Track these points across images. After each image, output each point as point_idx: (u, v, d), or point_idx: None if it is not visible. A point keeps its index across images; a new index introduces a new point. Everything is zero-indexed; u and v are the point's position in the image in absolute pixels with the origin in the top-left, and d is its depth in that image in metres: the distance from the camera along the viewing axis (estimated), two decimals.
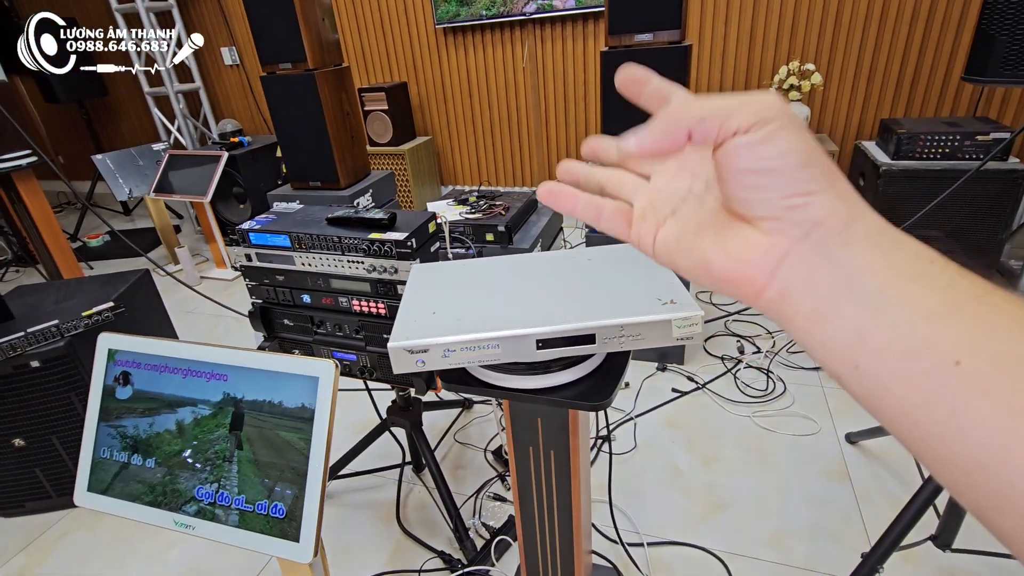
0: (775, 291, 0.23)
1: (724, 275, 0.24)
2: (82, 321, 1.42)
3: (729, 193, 0.24)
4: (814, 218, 0.22)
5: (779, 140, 0.21)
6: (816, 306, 0.22)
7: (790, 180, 0.22)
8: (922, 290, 0.20)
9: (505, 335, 0.65)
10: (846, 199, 0.22)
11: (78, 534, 1.49)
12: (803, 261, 0.22)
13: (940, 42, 2.40)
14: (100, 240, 3.67)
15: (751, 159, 0.22)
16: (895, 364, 0.20)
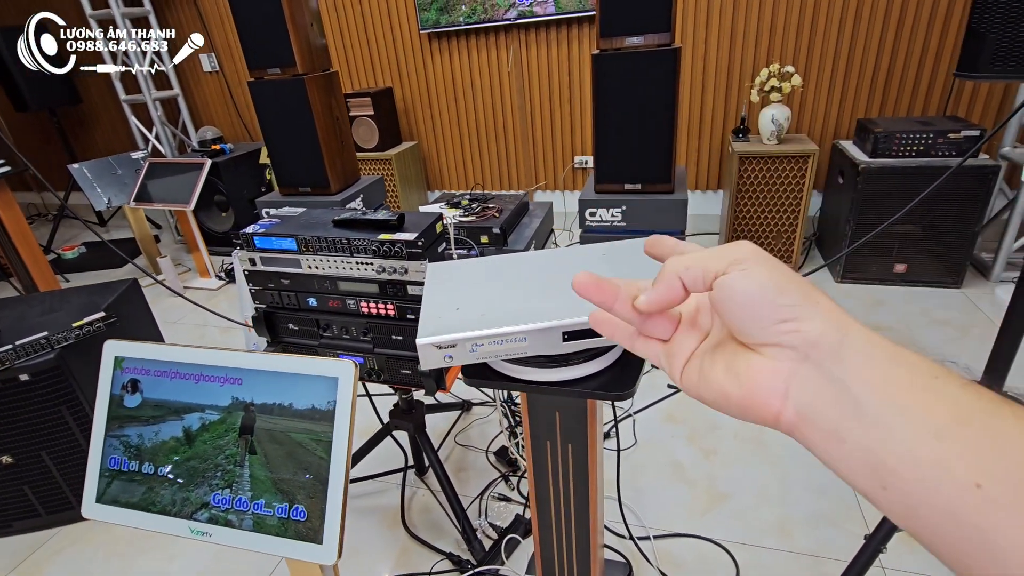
0: (792, 413, 0.24)
1: (741, 401, 0.26)
2: (73, 332, 1.38)
3: (730, 326, 0.27)
4: (807, 340, 0.24)
5: (751, 275, 0.25)
6: (831, 427, 0.23)
7: (773, 307, 0.24)
8: (926, 404, 0.21)
9: (532, 328, 0.65)
10: (832, 317, 0.24)
11: (71, 552, 1.44)
12: (809, 381, 0.24)
13: (912, 42, 2.50)
14: (75, 252, 3.57)
15: (734, 294, 0.25)
16: (916, 487, 0.20)
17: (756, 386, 0.25)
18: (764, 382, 0.25)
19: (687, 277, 0.27)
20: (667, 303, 0.28)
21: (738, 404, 0.26)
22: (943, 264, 2.20)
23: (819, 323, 0.24)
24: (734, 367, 0.27)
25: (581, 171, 3.29)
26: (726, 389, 0.27)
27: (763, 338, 0.25)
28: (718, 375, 0.27)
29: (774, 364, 0.25)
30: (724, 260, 0.26)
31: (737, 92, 2.82)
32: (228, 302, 2.75)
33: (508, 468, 1.56)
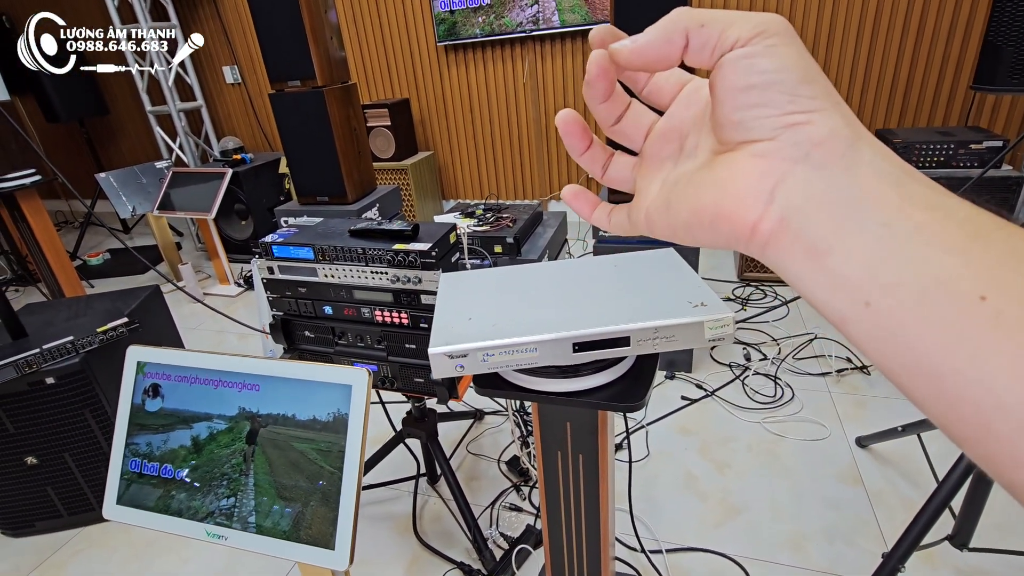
0: (773, 220, 0.21)
1: (718, 211, 0.22)
2: (97, 337, 1.42)
3: (723, 118, 0.22)
4: (814, 137, 0.20)
5: (779, 54, 0.20)
6: (819, 237, 0.20)
7: (791, 96, 0.20)
8: (939, 222, 0.18)
9: (543, 339, 0.66)
10: (849, 121, 0.20)
11: (91, 552, 1.47)
12: (802, 185, 0.20)
13: (931, 53, 2.47)
14: (101, 258, 3.66)
15: (750, 73, 0.20)
16: (912, 301, 0.18)
17: (737, 188, 0.21)
18: (748, 182, 0.21)
19: (697, 36, 0.21)
20: (655, 56, 0.23)
21: (712, 215, 0.22)
22: None
23: (833, 122, 0.20)
24: (709, 176, 0.23)
25: (595, 181, 3.30)
26: (700, 200, 0.23)
27: (761, 131, 0.21)
28: (693, 188, 0.24)
29: (764, 163, 0.21)
30: (750, 29, 0.20)
31: None
32: (247, 309, 2.80)
33: (520, 478, 1.56)
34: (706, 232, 0.23)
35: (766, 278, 2.51)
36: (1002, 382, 0.16)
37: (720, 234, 0.23)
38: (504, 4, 2.96)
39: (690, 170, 0.25)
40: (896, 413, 1.64)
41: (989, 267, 0.17)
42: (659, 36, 0.22)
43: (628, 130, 0.29)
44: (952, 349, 0.17)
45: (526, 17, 2.95)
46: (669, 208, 0.25)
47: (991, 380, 0.16)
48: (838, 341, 2.00)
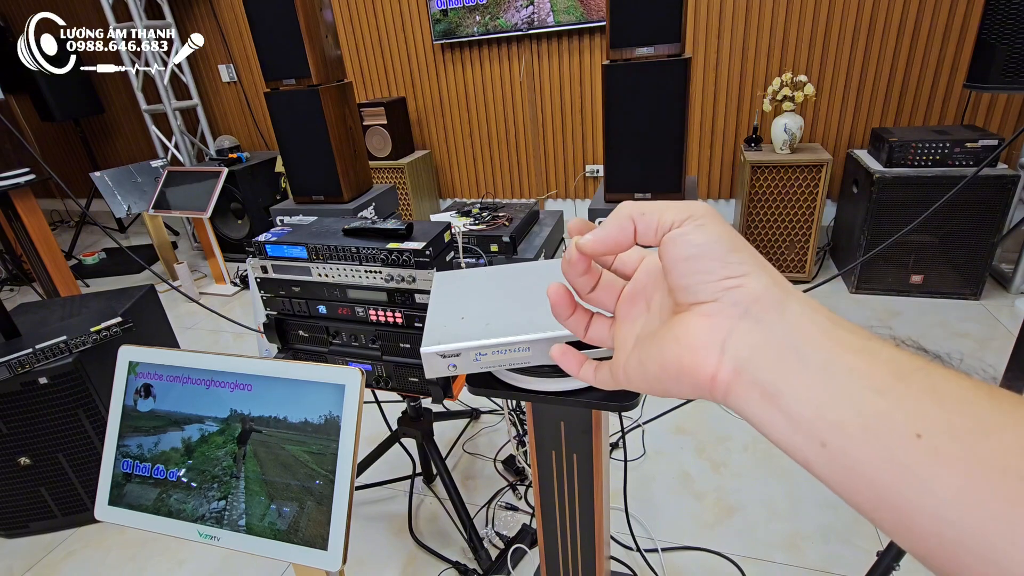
0: (728, 370, 0.24)
1: (680, 366, 0.25)
2: (91, 337, 1.41)
3: (673, 284, 0.26)
4: (750, 295, 0.24)
5: (707, 231, 0.25)
6: (768, 381, 0.22)
7: (723, 263, 0.24)
8: (867, 363, 0.21)
9: (536, 338, 0.66)
10: (777, 280, 0.24)
11: (84, 553, 1.47)
12: (747, 335, 0.23)
13: (927, 53, 2.48)
14: (96, 258, 3.64)
15: (687, 247, 0.25)
16: (858, 437, 0.20)
17: (693, 343, 0.25)
18: (701, 337, 0.25)
19: (641, 222, 0.27)
20: (614, 243, 0.28)
21: (676, 369, 0.26)
22: (961, 275, 2.16)
23: (764, 281, 0.24)
24: (670, 334, 0.26)
25: (592, 180, 3.30)
26: (664, 357, 0.26)
27: (705, 294, 0.25)
28: (657, 347, 0.27)
29: (711, 321, 0.24)
30: (681, 213, 0.26)
31: (749, 102, 2.81)
32: (243, 308, 2.79)
33: (516, 477, 1.56)
34: (674, 384, 0.26)
35: None
36: (956, 516, 0.18)
37: (686, 385, 0.26)
38: (499, 5, 2.96)
39: (654, 329, 0.28)
40: None
41: (915, 405, 0.19)
42: (613, 227, 0.28)
43: (602, 297, 0.33)
44: (905, 482, 0.19)
45: (521, 18, 2.95)
46: (641, 365, 0.28)
47: (946, 513, 0.18)
48: None
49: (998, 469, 0.17)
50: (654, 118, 1.78)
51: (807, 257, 2.42)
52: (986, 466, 0.17)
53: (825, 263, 2.66)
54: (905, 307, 2.19)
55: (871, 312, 2.18)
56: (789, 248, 2.43)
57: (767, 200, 2.37)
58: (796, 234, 2.39)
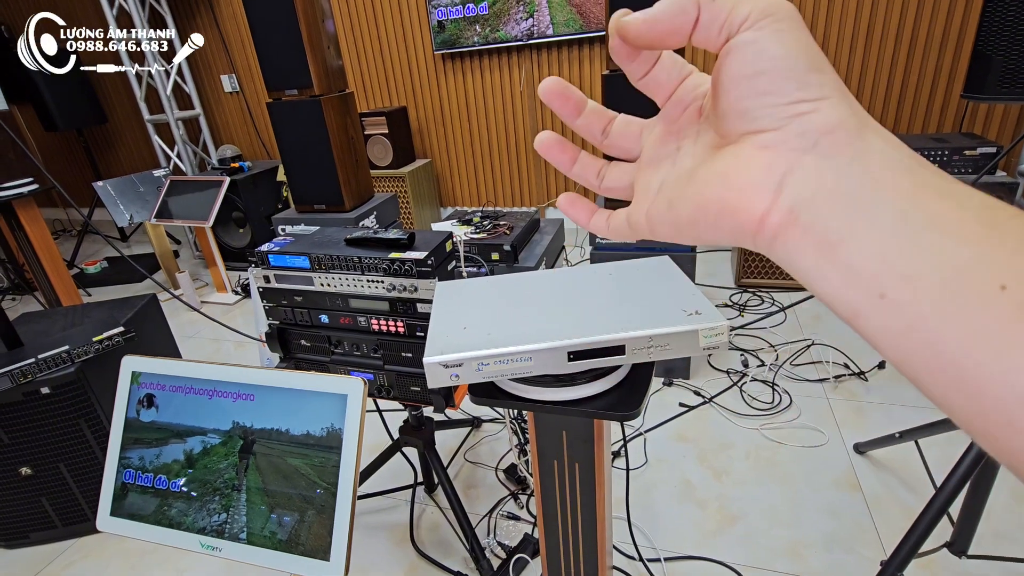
0: (781, 212, 0.20)
1: (723, 205, 0.22)
2: (93, 346, 1.42)
3: (728, 106, 0.21)
4: (823, 126, 0.19)
5: (788, 40, 0.20)
6: (830, 229, 0.19)
7: (800, 82, 0.20)
8: (954, 211, 0.18)
9: (537, 348, 0.66)
10: (857, 111, 0.20)
11: (85, 564, 1.46)
12: (811, 176, 0.19)
13: (925, 61, 2.50)
14: (98, 267, 3.66)
15: (759, 59, 0.20)
16: (930, 292, 0.17)
17: (743, 180, 0.21)
18: (754, 174, 0.21)
19: (708, 9, 0.21)
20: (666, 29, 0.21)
21: (717, 209, 0.22)
22: None
23: (842, 109, 0.20)
24: (714, 170, 0.22)
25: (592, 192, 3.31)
26: (704, 195, 0.22)
27: (768, 120, 0.20)
28: (696, 185, 0.23)
29: (770, 154, 0.20)
30: (759, 8, 0.20)
31: None
32: (244, 317, 2.80)
33: (517, 486, 1.55)
34: (711, 228, 0.23)
35: (763, 284, 2.52)
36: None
37: (725, 229, 0.22)
38: (499, 18, 2.98)
39: (690, 167, 0.24)
40: (894, 419, 1.64)
41: (1007, 256, 0.17)
42: (672, 6, 0.21)
43: (619, 140, 0.29)
44: (973, 342, 0.16)
45: (521, 31, 2.98)
46: (671, 207, 0.24)
47: (1015, 373, 0.16)
48: (835, 347, 2.00)
49: None
50: None
51: None
52: None
53: None
54: None
55: None
56: None
57: None
58: None
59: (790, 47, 0.20)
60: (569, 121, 0.28)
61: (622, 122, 0.29)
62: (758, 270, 2.50)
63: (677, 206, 0.24)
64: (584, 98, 0.28)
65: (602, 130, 0.29)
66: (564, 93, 0.27)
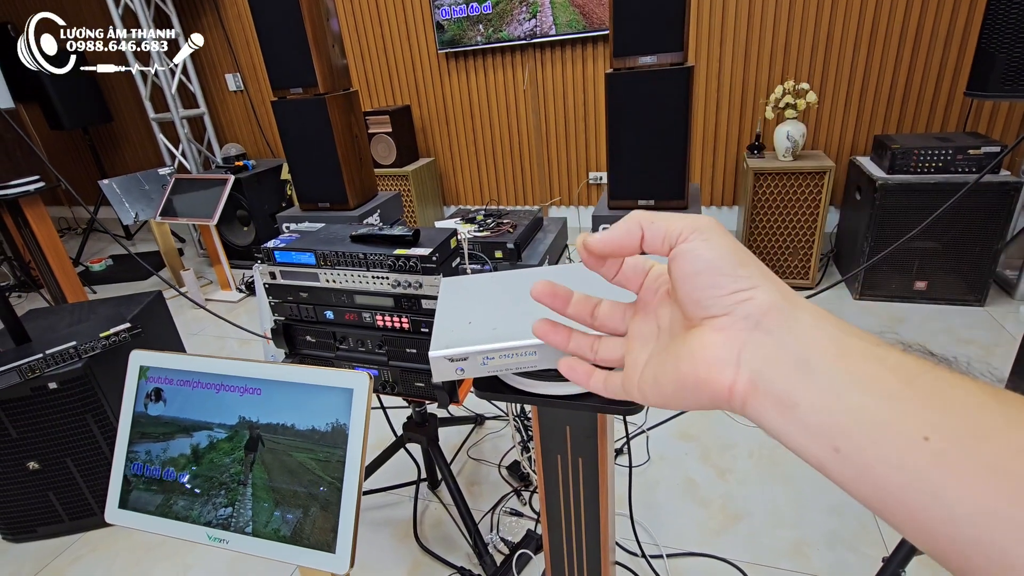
0: (744, 382, 0.24)
1: (696, 379, 0.26)
2: (100, 342, 1.43)
3: (684, 298, 0.27)
4: (760, 308, 0.24)
5: (714, 244, 0.26)
6: (782, 392, 0.23)
7: (732, 277, 0.25)
8: (875, 369, 0.21)
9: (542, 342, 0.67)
10: (785, 293, 0.25)
11: (92, 558, 1.47)
12: (760, 346, 0.24)
13: (928, 60, 2.49)
14: (103, 264, 3.68)
15: (695, 260, 0.26)
16: (867, 444, 0.20)
17: (709, 358, 0.25)
18: (717, 352, 0.25)
19: (649, 230, 0.28)
20: (619, 246, 0.29)
21: (693, 383, 0.26)
22: (965, 281, 2.16)
23: (772, 293, 0.25)
24: (685, 350, 0.27)
25: (596, 187, 3.31)
26: (682, 372, 0.27)
27: (716, 307, 0.25)
28: (674, 362, 0.28)
29: (725, 335, 0.25)
30: (688, 225, 0.27)
31: (752, 109, 2.83)
32: (248, 314, 2.81)
33: (520, 483, 1.56)
34: (692, 397, 0.27)
35: None
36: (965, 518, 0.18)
37: (704, 398, 0.26)
38: (502, 18, 2.99)
39: (667, 346, 0.29)
40: None
41: (922, 409, 0.20)
42: (621, 230, 0.29)
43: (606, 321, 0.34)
44: (914, 486, 0.19)
45: (524, 31, 2.98)
46: (657, 383, 0.29)
47: (955, 515, 0.18)
48: None
49: (1004, 472, 0.18)
50: (657, 126, 1.80)
51: (810, 264, 2.42)
52: (992, 469, 0.18)
53: (829, 270, 2.67)
54: (909, 314, 2.19)
55: (875, 319, 2.18)
56: (792, 255, 2.43)
57: (770, 207, 2.38)
58: (799, 241, 2.40)
59: (717, 250, 0.26)
60: (560, 312, 0.34)
61: (608, 306, 0.34)
62: None
63: (661, 382, 0.29)
64: (570, 292, 0.34)
65: (590, 314, 0.34)
66: (553, 292, 0.34)
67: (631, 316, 0.33)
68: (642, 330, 0.32)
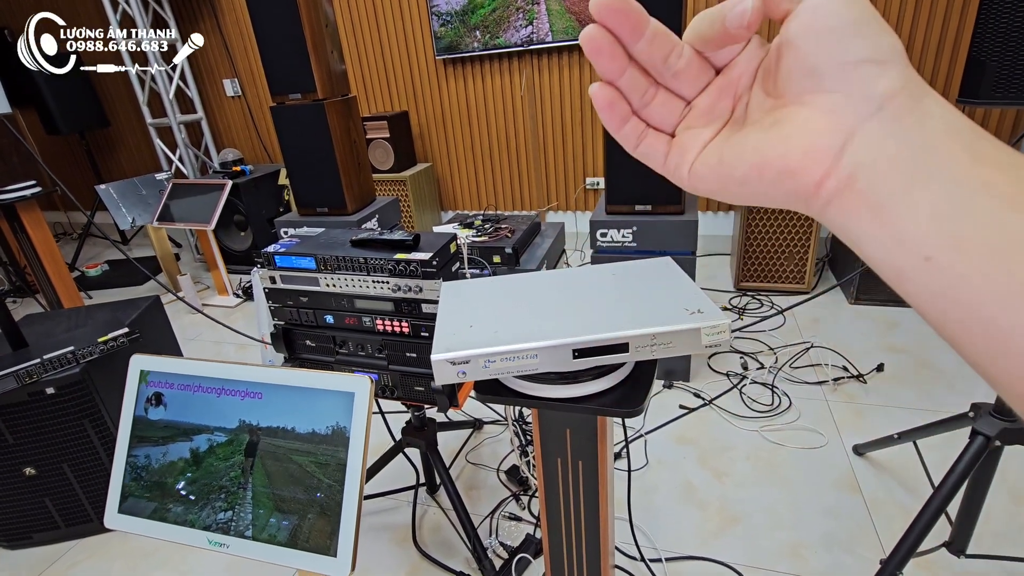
0: (840, 177, 0.21)
1: (783, 166, 0.22)
2: (97, 347, 1.43)
3: (796, 63, 0.21)
4: (888, 90, 0.20)
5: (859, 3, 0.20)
6: (886, 193, 0.20)
7: (870, 43, 0.20)
8: (1007, 180, 0.18)
9: (543, 345, 0.67)
10: (916, 76, 0.20)
11: (88, 564, 1.46)
12: (873, 141, 0.20)
13: (920, 67, 2.52)
14: (99, 270, 3.66)
15: (831, 16, 0.20)
16: (978, 257, 0.18)
17: (805, 143, 0.21)
18: (818, 137, 0.21)
19: None
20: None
21: (776, 172, 0.22)
22: None
23: (906, 75, 0.20)
24: (775, 132, 0.22)
25: (593, 192, 3.33)
26: (764, 155, 0.22)
27: (835, 81, 0.20)
28: (749, 148, 0.23)
29: (835, 119, 0.21)
30: None
31: None
32: (245, 320, 2.80)
33: (519, 487, 1.56)
34: (764, 187, 0.23)
35: (762, 287, 2.54)
36: None
37: (780, 190, 0.22)
38: (499, 25, 3.01)
39: (747, 125, 0.24)
40: (892, 421, 1.65)
41: None
42: None
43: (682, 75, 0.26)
44: (1014, 306, 0.17)
45: (520, 38, 3.00)
46: (722, 163, 0.24)
47: None
48: (834, 350, 2.02)
49: None
50: None
51: (806, 268, 2.44)
52: None
53: (824, 274, 2.68)
54: (904, 317, 2.20)
55: (870, 323, 2.20)
56: (788, 259, 2.45)
57: (766, 212, 2.40)
58: (795, 246, 2.42)
59: (861, 10, 0.20)
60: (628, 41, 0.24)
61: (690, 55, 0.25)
62: (757, 274, 2.52)
63: (730, 162, 0.24)
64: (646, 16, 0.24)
65: (664, 58, 0.25)
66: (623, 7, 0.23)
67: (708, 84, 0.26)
68: (716, 104, 0.26)
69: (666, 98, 0.26)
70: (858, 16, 0.20)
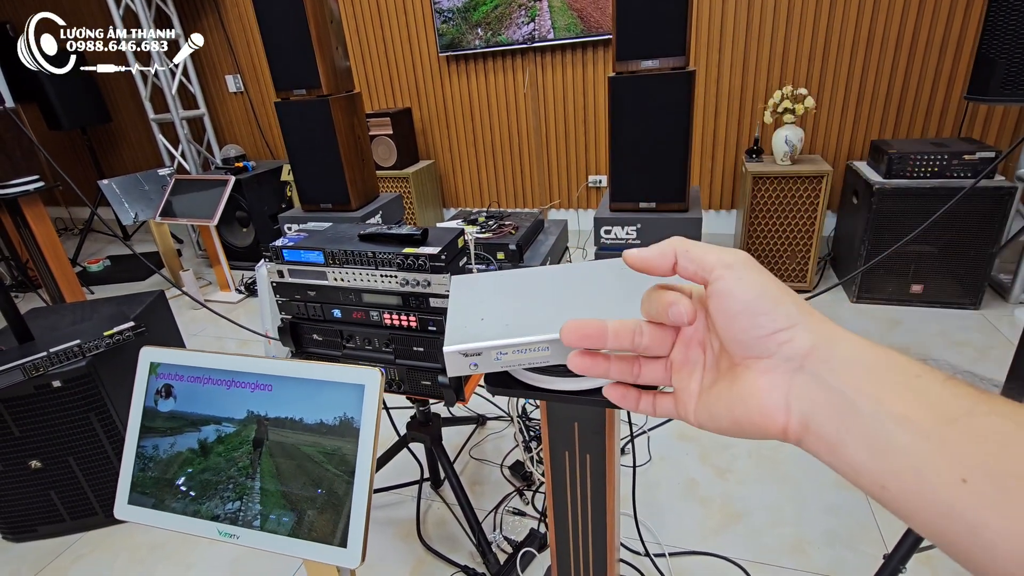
0: (797, 423, 0.25)
1: (751, 422, 0.27)
2: (104, 341, 1.43)
3: (725, 337, 0.27)
4: (801, 350, 0.25)
5: (749, 283, 0.26)
6: (830, 434, 0.24)
7: (771, 317, 0.25)
8: (914, 408, 0.22)
9: (554, 338, 0.68)
10: (824, 326, 0.25)
11: (93, 557, 1.47)
12: (806, 390, 0.24)
13: (924, 66, 2.53)
14: (100, 265, 3.66)
15: (733, 302, 0.26)
16: (910, 484, 0.21)
17: (760, 404, 0.26)
18: (767, 399, 0.26)
19: (683, 257, 0.28)
20: (652, 264, 0.29)
21: (748, 425, 0.27)
22: (961, 285, 2.19)
23: (811, 333, 0.25)
24: (736, 392, 0.27)
25: (595, 190, 3.33)
26: (735, 414, 0.27)
27: (758, 350, 0.26)
28: (723, 408, 0.28)
29: (771, 379, 0.26)
30: (720, 260, 0.27)
31: (751, 114, 2.86)
32: (248, 315, 2.81)
33: (523, 482, 1.57)
34: (750, 434, 0.27)
35: None
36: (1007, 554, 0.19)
37: (763, 436, 0.27)
38: (501, 22, 3.01)
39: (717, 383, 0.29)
40: None
41: (961, 450, 0.20)
42: (657, 251, 0.29)
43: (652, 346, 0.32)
44: (954, 527, 0.20)
45: (522, 35, 3.00)
46: (713, 418, 0.29)
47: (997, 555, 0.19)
48: None
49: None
50: (658, 129, 1.82)
51: (808, 267, 2.44)
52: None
53: (826, 273, 2.69)
54: (906, 316, 2.21)
55: (872, 322, 2.21)
56: (790, 258, 2.46)
57: (768, 211, 2.40)
58: (797, 244, 2.42)
59: (754, 290, 0.25)
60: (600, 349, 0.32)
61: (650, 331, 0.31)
62: None
63: (717, 419, 0.29)
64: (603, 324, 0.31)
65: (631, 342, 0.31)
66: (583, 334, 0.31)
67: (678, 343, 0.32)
68: (688, 354, 0.31)
69: (650, 365, 0.32)
70: (757, 295, 0.25)
